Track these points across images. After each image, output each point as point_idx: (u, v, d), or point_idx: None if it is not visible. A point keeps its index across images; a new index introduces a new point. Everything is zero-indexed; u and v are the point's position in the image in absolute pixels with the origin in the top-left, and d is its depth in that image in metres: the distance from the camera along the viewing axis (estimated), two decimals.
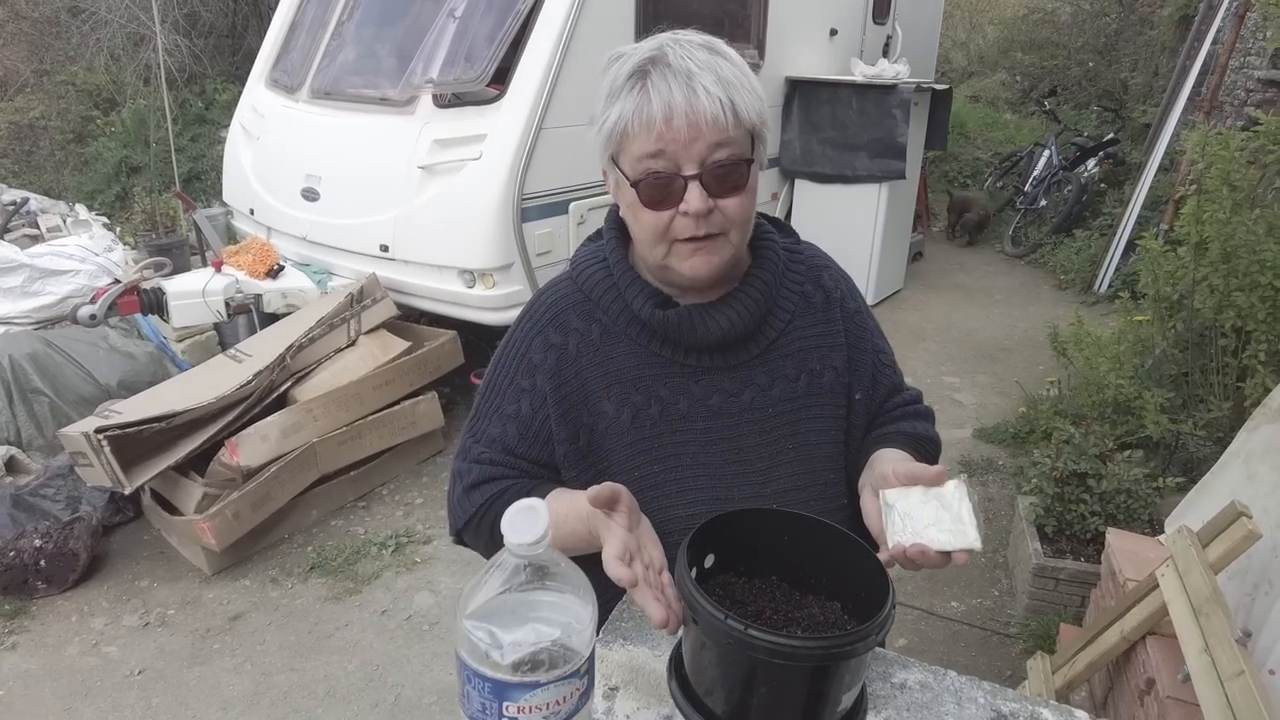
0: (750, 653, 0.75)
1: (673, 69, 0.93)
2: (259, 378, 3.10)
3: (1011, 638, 2.71)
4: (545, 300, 1.12)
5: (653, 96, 0.92)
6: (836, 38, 5.77)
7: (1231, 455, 2.13)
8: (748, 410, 1.07)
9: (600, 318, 1.08)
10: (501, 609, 0.60)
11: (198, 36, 8.55)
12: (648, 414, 1.06)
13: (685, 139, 0.92)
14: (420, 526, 3.26)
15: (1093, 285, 6.07)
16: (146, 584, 2.95)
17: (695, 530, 0.86)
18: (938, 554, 0.87)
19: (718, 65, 0.95)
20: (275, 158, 4.29)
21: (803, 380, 1.09)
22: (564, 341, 1.07)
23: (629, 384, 1.06)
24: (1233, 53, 5.44)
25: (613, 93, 0.96)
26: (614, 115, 0.95)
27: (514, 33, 3.63)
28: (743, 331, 1.05)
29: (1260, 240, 2.56)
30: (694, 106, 0.92)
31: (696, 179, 0.94)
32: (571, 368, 1.07)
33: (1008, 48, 12.36)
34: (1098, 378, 3.39)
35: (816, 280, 1.14)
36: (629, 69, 0.95)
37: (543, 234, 3.72)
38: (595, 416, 1.06)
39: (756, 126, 0.98)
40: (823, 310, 1.13)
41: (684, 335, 1.05)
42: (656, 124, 0.92)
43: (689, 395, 1.06)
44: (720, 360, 1.07)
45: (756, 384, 1.07)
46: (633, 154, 0.95)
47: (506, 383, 1.10)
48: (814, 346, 1.10)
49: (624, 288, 1.07)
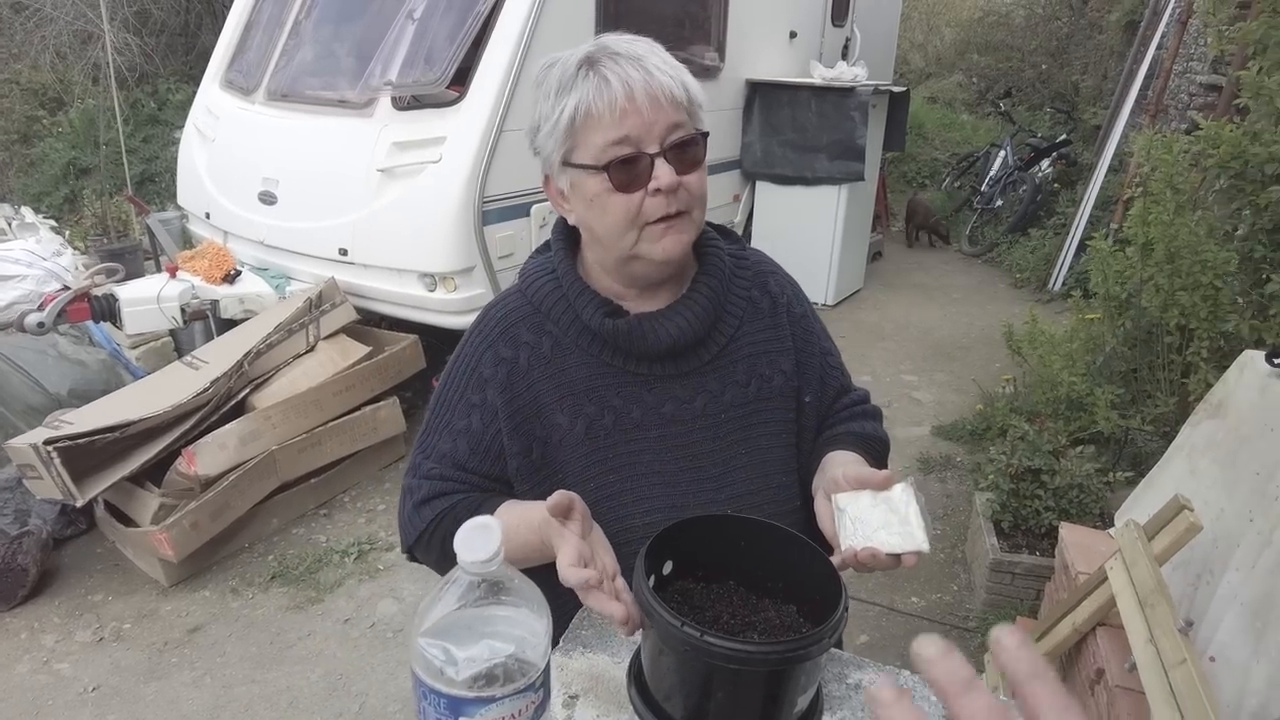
0: (707, 658, 0.76)
1: (621, 55, 0.96)
2: (216, 385, 3.05)
3: (971, 631, 2.77)
4: (494, 314, 1.12)
5: (611, 79, 0.94)
6: (796, 40, 5.84)
7: (1175, 450, 2.20)
8: (700, 417, 1.08)
9: (551, 330, 1.08)
10: (456, 625, 0.60)
11: (149, 34, 8.36)
12: (601, 424, 1.06)
13: (648, 117, 0.94)
14: (383, 534, 3.23)
15: (1047, 284, 6.21)
16: (100, 598, 2.88)
17: (652, 538, 0.87)
18: (888, 556, 0.89)
19: (659, 50, 0.99)
20: (231, 160, 4.22)
21: (753, 385, 1.10)
22: (514, 355, 1.07)
23: (582, 395, 1.06)
24: (1176, 58, 5.61)
25: (561, 86, 0.97)
26: (570, 105, 0.96)
27: (474, 34, 3.61)
28: (692, 338, 1.06)
29: (1201, 241, 2.64)
30: (651, 84, 0.95)
31: (661, 155, 0.96)
32: (523, 381, 1.06)
33: (964, 50, 12.61)
34: (1051, 375, 3.48)
35: (763, 286, 1.16)
36: (574, 64, 0.97)
37: (504, 237, 3.71)
38: (549, 429, 1.06)
39: (699, 106, 1.01)
40: (770, 315, 1.14)
41: (634, 344, 1.05)
42: (619, 102, 0.93)
43: (642, 404, 1.07)
44: (672, 368, 1.07)
45: (708, 390, 1.08)
46: (594, 143, 0.96)
47: (457, 398, 1.10)
48: (763, 351, 1.12)
49: (573, 298, 1.07)
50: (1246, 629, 1.54)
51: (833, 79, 5.37)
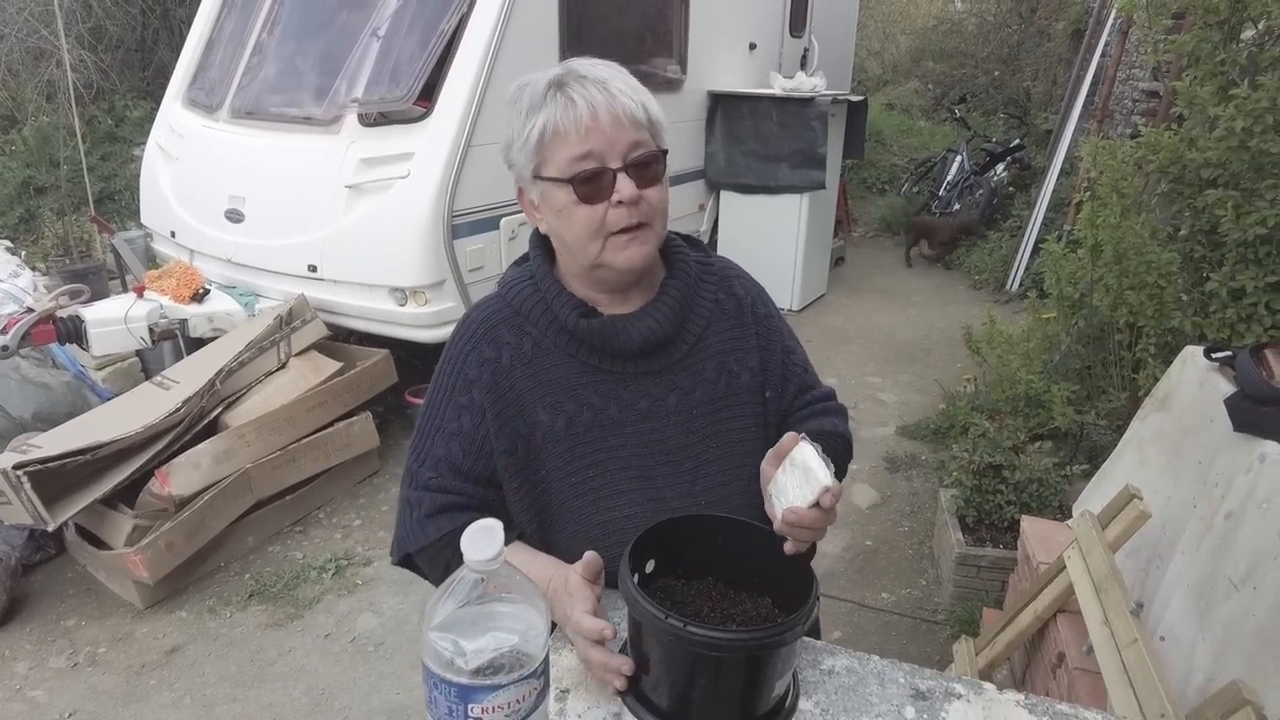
0: (689, 648, 0.82)
1: (587, 78, 1.04)
2: (188, 404, 3.04)
3: (939, 624, 2.86)
4: (476, 317, 1.18)
5: (576, 100, 1.02)
6: (755, 52, 5.95)
7: (1126, 442, 2.31)
8: (673, 413, 1.14)
9: (530, 331, 1.14)
10: (463, 620, 0.65)
11: (104, 51, 8.25)
12: (581, 421, 1.12)
13: (610, 135, 1.02)
14: (360, 548, 3.24)
15: (1005, 285, 6.38)
16: (73, 623, 2.86)
17: (635, 539, 0.93)
18: (808, 510, 0.95)
19: (623, 75, 1.07)
20: (197, 179, 4.20)
21: (722, 381, 1.17)
22: (497, 355, 1.13)
23: (562, 393, 1.12)
24: (1119, 65, 5.83)
25: (532, 106, 1.05)
26: (539, 123, 1.03)
27: (439, 51, 3.65)
28: (662, 337, 1.13)
29: (1146, 243, 2.77)
30: (614, 105, 1.03)
31: (623, 170, 1.04)
32: (506, 380, 1.12)
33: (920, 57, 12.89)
34: (1010, 374, 3.59)
35: (729, 289, 1.23)
36: (544, 85, 1.04)
37: (474, 250, 3.75)
38: (531, 426, 1.12)
39: (660, 126, 1.09)
40: (735, 316, 1.21)
41: (608, 342, 1.11)
42: (584, 121, 1.01)
43: (619, 401, 1.13)
44: (645, 366, 1.14)
45: (680, 387, 1.15)
46: (560, 158, 1.03)
47: (445, 401, 1.15)
48: (730, 349, 1.19)
49: (550, 300, 1.13)
50: (1192, 609, 1.64)
51: (792, 89, 5.49)
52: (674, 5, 4.96)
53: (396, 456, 3.90)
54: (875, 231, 8.40)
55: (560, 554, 1.12)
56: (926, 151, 9.50)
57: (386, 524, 3.38)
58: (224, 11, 4.56)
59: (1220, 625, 1.55)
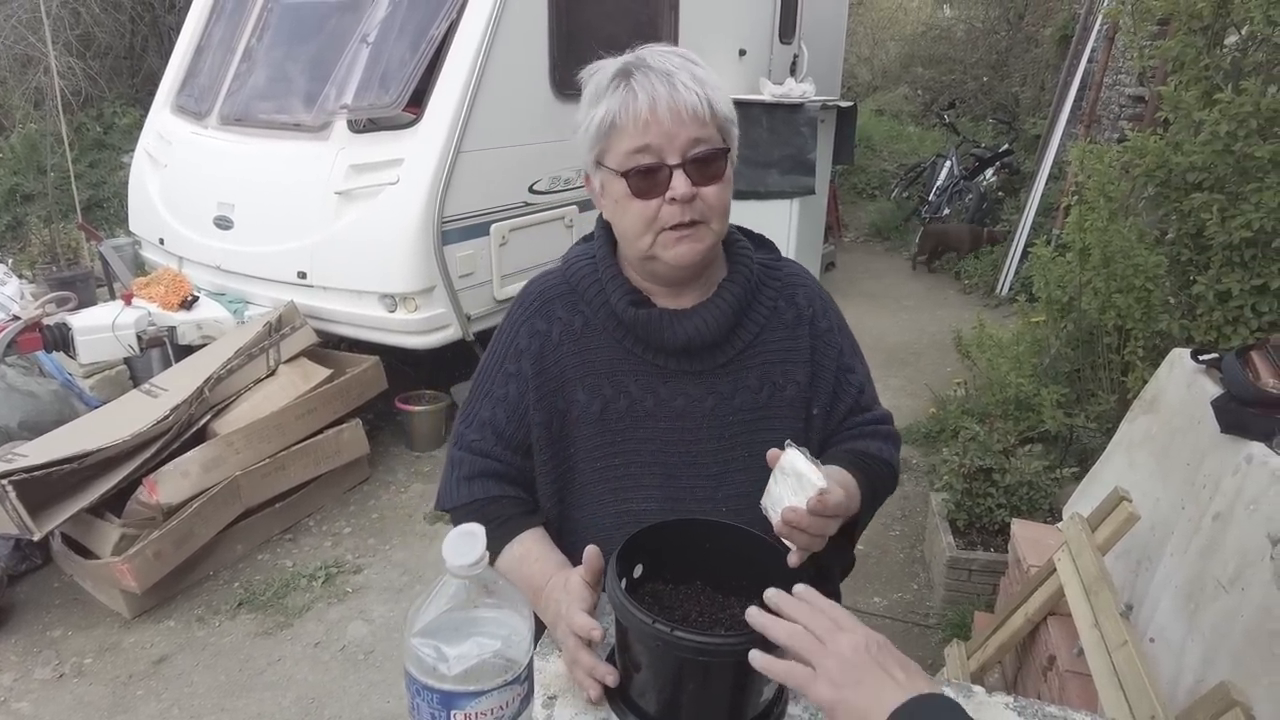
0: (677, 653, 0.82)
1: (653, 69, 1.02)
2: (176, 412, 3.02)
3: (931, 628, 2.86)
4: (534, 290, 1.20)
5: (638, 92, 1.01)
6: (745, 58, 5.97)
7: (1115, 445, 2.32)
8: (709, 416, 1.13)
9: (583, 310, 1.15)
10: (446, 626, 0.65)
11: (93, 58, 8.22)
12: (616, 408, 1.12)
13: (669, 129, 1.01)
14: (350, 556, 3.22)
15: (995, 289, 6.41)
16: (59, 633, 2.83)
17: (622, 544, 0.93)
18: (805, 513, 0.95)
19: (692, 67, 1.05)
20: (185, 186, 4.18)
21: (765, 392, 1.15)
22: (548, 329, 1.15)
23: (603, 376, 1.13)
24: (1106, 71, 5.87)
25: (596, 95, 1.04)
26: (600, 112, 1.03)
27: (429, 57, 3.65)
28: (709, 339, 1.12)
29: (1133, 246, 2.78)
30: (675, 99, 1.01)
31: (680, 167, 1.03)
32: (553, 355, 1.14)
33: (909, 63, 12.97)
34: (1000, 377, 3.61)
35: (790, 297, 1.20)
36: (611, 73, 1.04)
37: (465, 256, 3.74)
38: (569, 404, 1.13)
39: (728, 122, 1.07)
40: (792, 326, 1.18)
41: (652, 335, 1.11)
42: (643, 114, 1.00)
43: (656, 395, 1.13)
44: (688, 364, 1.13)
45: (719, 392, 1.14)
46: (620, 150, 1.03)
47: (496, 368, 1.18)
48: (779, 360, 1.17)
49: (606, 283, 1.13)
50: (1181, 610, 1.64)
51: (782, 95, 5.51)
52: (664, 12, 4.98)
53: (386, 464, 3.88)
54: (865, 237, 8.43)
55: (575, 537, 1.13)
56: (916, 157, 9.54)
57: (376, 531, 3.37)
58: (213, 18, 4.55)
59: (1209, 626, 1.55)
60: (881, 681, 0.71)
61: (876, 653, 0.73)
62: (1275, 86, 2.50)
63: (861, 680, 0.71)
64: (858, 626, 0.77)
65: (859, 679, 0.71)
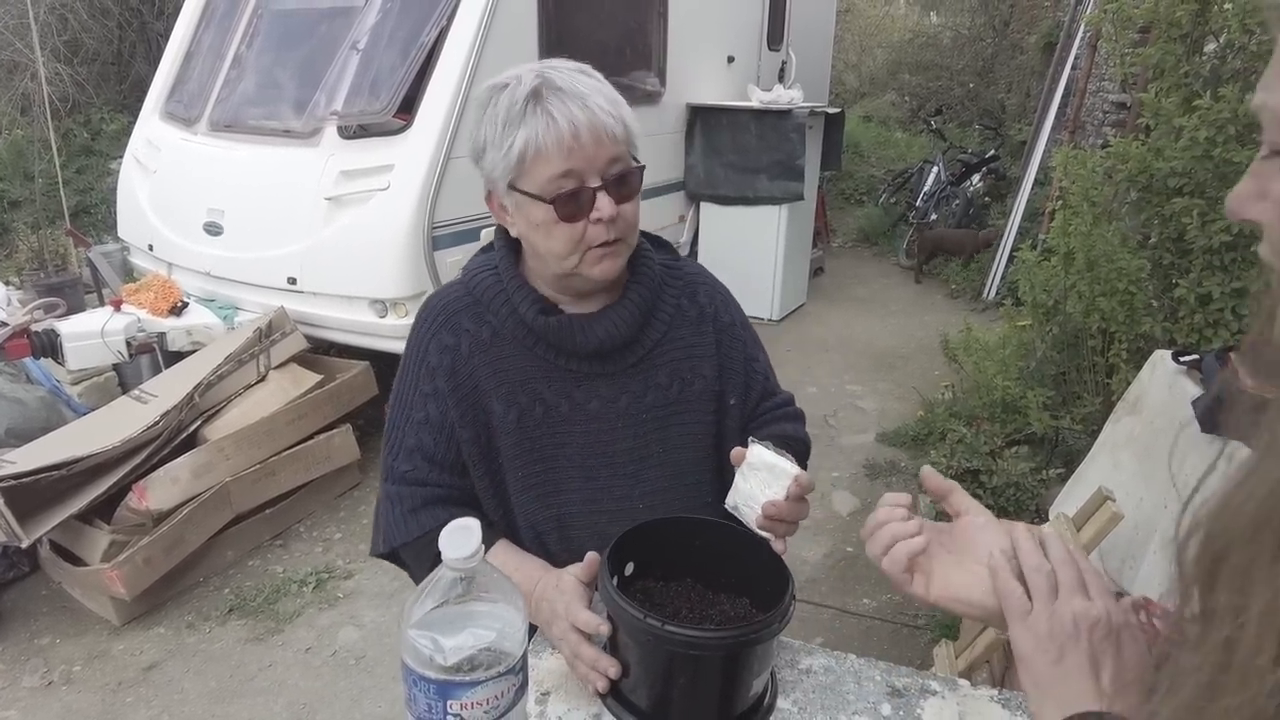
0: (668, 647, 0.84)
1: (565, 91, 1.02)
2: (166, 418, 3.02)
3: (920, 629, 2.88)
4: (436, 305, 1.19)
5: (557, 117, 1.00)
6: (734, 65, 6.01)
7: (1100, 446, 2.35)
8: (623, 415, 1.16)
9: (490, 320, 1.15)
10: (442, 618, 0.66)
11: (80, 64, 8.19)
12: (532, 415, 1.13)
13: (590, 153, 1.02)
14: (340, 562, 3.22)
15: (981, 293, 6.46)
16: (47, 641, 2.82)
17: (613, 542, 0.95)
18: (785, 503, 0.98)
19: (600, 87, 1.06)
20: (175, 192, 4.18)
21: (675, 387, 1.18)
22: (456, 342, 1.14)
23: (516, 385, 1.13)
24: (1089, 78, 5.95)
25: (510, 120, 1.03)
26: (519, 141, 1.02)
27: (419, 64, 3.67)
28: (619, 340, 1.14)
29: (1116, 250, 2.82)
30: (595, 123, 1.02)
31: (602, 189, 1.04)
32: (465, 367, 1.14)
33: (896, 70, 13.07)
34: (986, 380, 3.64)
35: (692, 295, 1.24)
36: (521, 97, 1.02)
37: (454, 261, 3.75)
38: (488, 415, 1.13)
39: (636, 137, 1.10)
40: (696, 323, 1.22)
41: (564, 341, 1.13)
42: (565, 140, 1.00)
43: (570, 399, 1.14)
44: (599, 367, 1.15)
45: (631, 391, 1.16)
46: (542, 175, 1.03)
47: (412, 391, 1.16)
48: (686, 356, 1.20)
49: (511, 293, 1.14)
50: None
51: (770, 101, 5.55)
52: (653, 19, 5.01)
53: (377, 469, 3.86)
54: (853, 242, 8.48)
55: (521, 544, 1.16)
56: (903, 163, 9.61)
57: (368, 536, 3.33)
58: (202, 24, 4.55)
59: None
60: (1079, 672, 0.61)
61: (1100, 638, 0.62)
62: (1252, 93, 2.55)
63: (1062, 658, 0.62)
64: (1104, 598, 0.65)
65: (1060, 655, 0.62)
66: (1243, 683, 0.36)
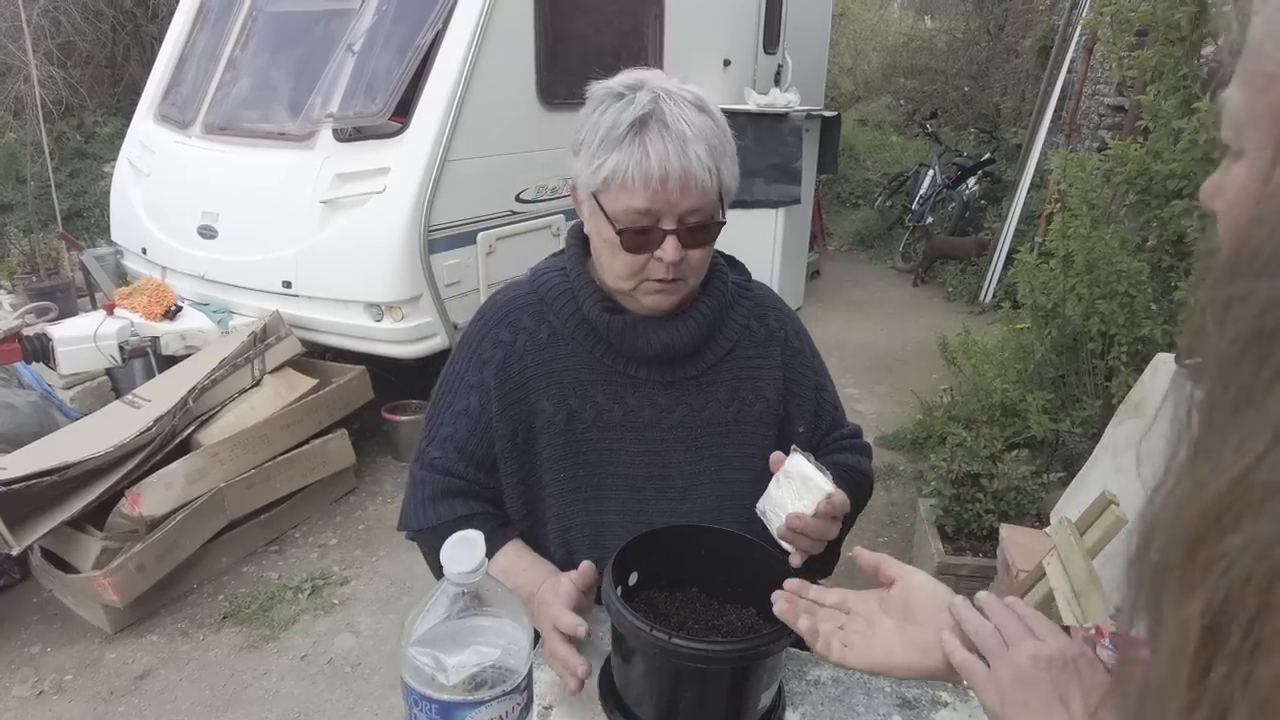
0: (675, 660, 0.81)
1: (670, 130, 0.99)
2: (160, 423, 2.98)
3: None
4: (499, 300, 1.19)
5: (651, 154, 0.98)
6: (730, 68, 6.00)
7: (1102, 449, 2.34)
8: (677, 428, 1.13)
9: (550, 319, 1.14)
10: (444, 635, 0.64)
11: (74, 67, 8.14)
12: (582, 418, 1.11)
13: (674, 200, 1.00)
14: (336, 568, 3.19)
15: (979, 296, 6.46)
16: (38, 649, 2.78)
17: (618, 551, 0.92)
18: (812, 517, 0.95)
19: (708, 132, 1.03)
20: (169, 195, 4.15)
21: (734, 407, 1.16)
22: (512, 339, 1.14)
23: (568, 386, 1.12)
24: (1085, 81, 5.95)
25: (609, 139, 1.01)
26: (610, 164, 1.00)
27: (415, 66, 3.64)
28: (681, 349, 1.12)
29: (1116, 253, 2.81)
30: (687, 171, 0.99)
31: (674, 233, 1.02)
32: (517, 364, 1.12)
33: (891, 73, 13.10)
34: (985, 383, 3.63)
35: (762, 317, 1.22)
36: (628, 121, 1.00)
37: (451, 265, 3.73)
38: (533, 414, 1.12)
39: (729, 189, 1.08)
40: (764, 345, 1.20)
41: (625, 341, 1.11)
42: (653, 183, 0.99)
43: (624, 405, 1.12)
44: (658, 375, 1.13)
45: (689, 403, 1.14)
46: (621, 203, 1.02)
47: (458, 380, 1.16)
48: (749, 377, 1.17)
49: (578, 290, 1.13)
50: None
51: (767, 105, 5.54)
52: (649, 22, 5.00)
53: (373, 474, 3.85)
54: (850, 245, 8.48)
55: (544, 552, 1.13)
56: (899, 166, 9.62)
57: (363, 543, 3.33)
58: (197, 27, 4.52)
59: None
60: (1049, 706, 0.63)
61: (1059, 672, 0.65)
62: None
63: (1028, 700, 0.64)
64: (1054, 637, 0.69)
65: (1026, 698, 0.64)
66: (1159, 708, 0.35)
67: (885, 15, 14.60)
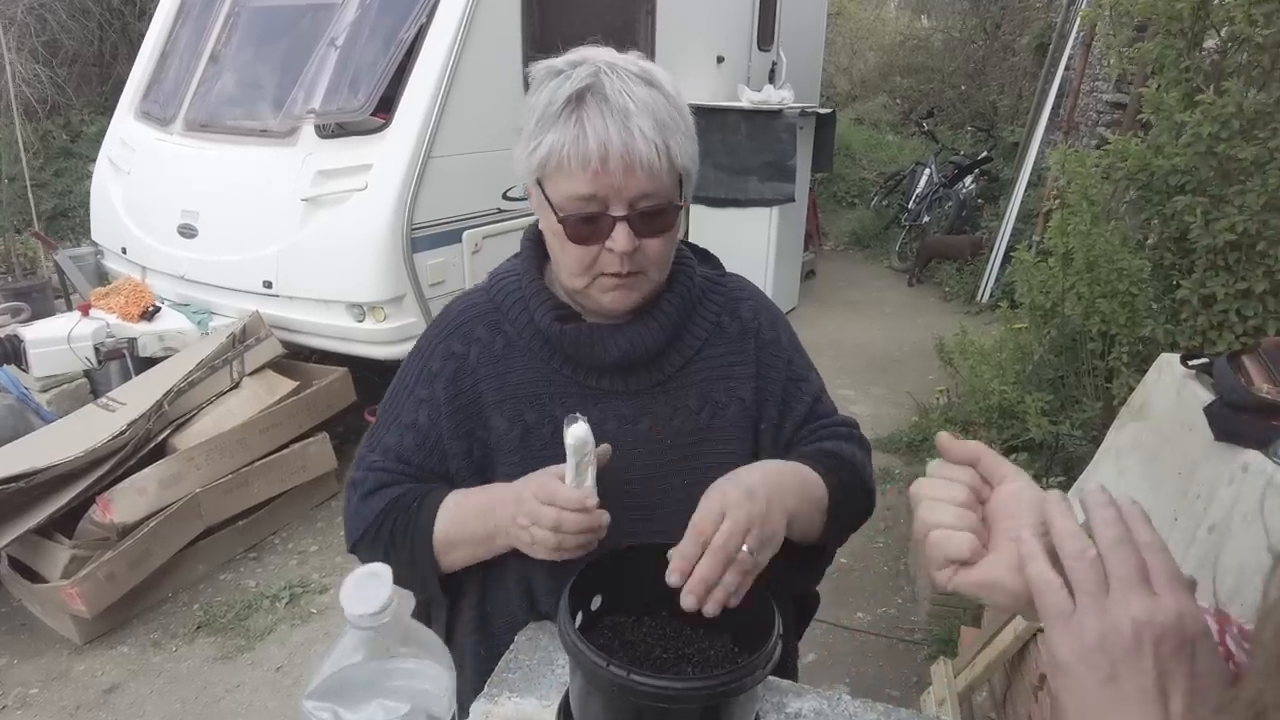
0: (634, 698, 0.73)
1: (610, 104, 0.90)
2: (133, 427, 2.89)
3: (916, 644, 2.78)
4: (454, 309, 1.11)
5: (589, 132, 0.89)
6: (723, 65, 5.92)
7: (1103, 452, 2.26)
8: (642, 441, 1.04)
9: (506, 329, 1.06)
10: (348, 684, 0.55)
11: (60, 65, 8.04)
12: (539, 434, 1.03)
13: (618, 182, 0.90)
14: (315, 575, 3.10)
15: (975, 296, 6.39)
16: (4, 662, 2.69)
17: (576, 575, 0.84)
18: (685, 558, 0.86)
19: (655, 105, 0.92)
20: (148, 193, 4.06)
21: (705, 412, 1.06)
22: (465, 351, 1.05)
23: (524, 400, 1.03)
24: (1083, 78, 5.88)
25: (545, 117, 0.92)
26: (545, 145, 0.91)
27: (398, 61, 3.56)
28: (644, 355, 1.03)
29: (1116, 250, 2.73)
30: (630, 149, 0.89)
31: (625, 220, 0.93)
32: (469, 378, 1.04)
33: (887, 72, 13.04)
34: (983, 385, 3.55)
35: (734, 310, 1.12)
36: (564, 96, 0.90)
37: (435, 264, 3.64)
38: (487, 430, 1.04)
39: (686, 169, 0.97)
40: (736, 340, 1.10)
41: (581, 352, 1.02)
42: (592, 164, 0.89)
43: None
44: (620, 384, 1.04)
45: (654, 413, 1.05)
46: (562, 189, 0.92)
47: (406, 393, 1.08)
48: (721, 377, 1.07)
49: (529, 298, 1.04)
50: None
51: (760, 102, 5.46)
52: (640, 17, 4.92)
53: None
54: (845, 245, 8.40)
55: (512, 573, 1.04)
56: (895, 165, 9.55)
57: (345, 549, 3.24)
58: (178, 22, 4.43)
59: None
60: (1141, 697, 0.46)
61: (1169, 651, 0.46)
62: (1257, 88, 2.47)
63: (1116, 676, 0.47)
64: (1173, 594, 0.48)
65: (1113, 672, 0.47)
66: None
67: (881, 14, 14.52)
